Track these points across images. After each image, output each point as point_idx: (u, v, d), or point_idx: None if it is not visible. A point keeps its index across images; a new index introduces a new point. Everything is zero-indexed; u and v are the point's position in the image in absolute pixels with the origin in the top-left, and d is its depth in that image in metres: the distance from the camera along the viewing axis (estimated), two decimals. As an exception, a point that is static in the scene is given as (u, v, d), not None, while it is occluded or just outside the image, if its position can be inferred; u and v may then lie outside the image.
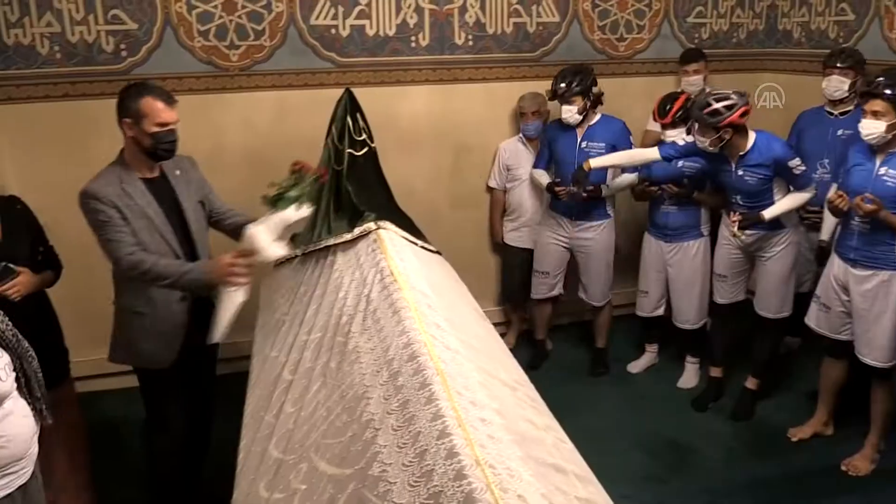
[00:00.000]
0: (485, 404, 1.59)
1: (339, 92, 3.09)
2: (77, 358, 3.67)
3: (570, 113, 3.72)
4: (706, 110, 3.22)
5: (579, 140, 3.82)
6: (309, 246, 2.74)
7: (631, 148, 3.83)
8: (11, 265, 2.42)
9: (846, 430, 3.46)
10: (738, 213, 3.41)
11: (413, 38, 4.03)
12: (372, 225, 2.51)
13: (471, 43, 4.14)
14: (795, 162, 3.31)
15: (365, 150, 2.83)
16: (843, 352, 3.27)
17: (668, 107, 3.69)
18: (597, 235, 3.95)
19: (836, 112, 3.71)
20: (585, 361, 4.28)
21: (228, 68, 3.77)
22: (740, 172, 3.37)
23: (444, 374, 1.59)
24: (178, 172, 2.63)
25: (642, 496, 3.07)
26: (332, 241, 2.62)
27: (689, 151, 3.47)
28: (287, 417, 1.94)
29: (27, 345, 1.95)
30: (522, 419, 1.74)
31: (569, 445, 1.82)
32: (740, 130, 3.29)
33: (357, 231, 2.50)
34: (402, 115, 4.10)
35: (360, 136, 2.87)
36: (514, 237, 4.31)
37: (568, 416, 2.05)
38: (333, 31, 3.89)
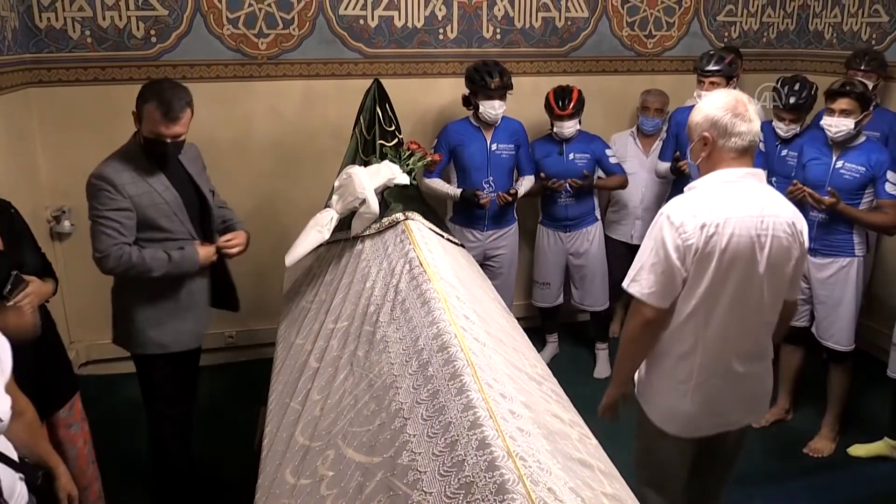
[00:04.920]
0: (513, 397, 1.59)
1: (365, 83, 3.08)
2: (101, 340, 3.75)
3: (502, 108, 3.56)
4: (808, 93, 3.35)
5: (489, 142, 3.66)
6: (337, 235, 2.75)
7: (528, 147, 3.80)
8: (22, 275, 2.08)
9: (801, 415, 3.62)
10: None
11: (441, 31, 4.02)
12: (400, 215, 2.50)
13: (499, 36, 4.12)
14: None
15: (395, 141, 2.82)
16: (800, 339, 3.39)
17: (566, 101, 3.68)
18: (508, 241, 3.85)
19: None
20: (590, 360, 4.27)
21: (256, 56, 3.79)
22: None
23: (474, 365, 1.59)
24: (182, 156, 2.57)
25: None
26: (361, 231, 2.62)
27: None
28: (313, 404, 1.95)
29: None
30: (549, 413, 1.74)
31: (593, 441, 1.81)
32: None
33: (385, 221, 2.50)
34: (429, 107, 4.09)
35: (391, 126, 2.86)
36: (617, 229, 4.22)
37: (582, 414, 2.02)
38: (362, 21, 3.88)
